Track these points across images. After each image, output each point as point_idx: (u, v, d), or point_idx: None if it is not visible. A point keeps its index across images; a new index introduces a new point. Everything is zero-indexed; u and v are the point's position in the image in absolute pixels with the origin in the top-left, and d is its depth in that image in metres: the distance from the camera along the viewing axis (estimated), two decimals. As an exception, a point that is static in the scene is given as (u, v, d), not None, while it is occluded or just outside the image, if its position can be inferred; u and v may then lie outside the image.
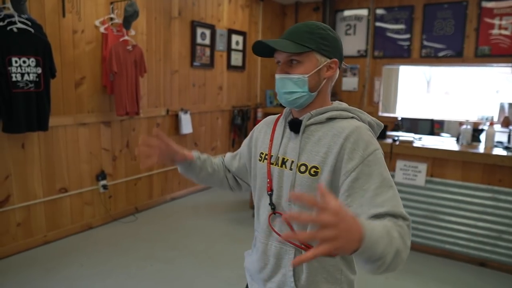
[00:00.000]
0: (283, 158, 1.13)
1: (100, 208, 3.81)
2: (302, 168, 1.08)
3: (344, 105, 1.17)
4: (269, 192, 1.14)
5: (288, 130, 1.15)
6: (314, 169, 1.06)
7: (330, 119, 1.10)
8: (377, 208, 0.93)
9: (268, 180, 1.15)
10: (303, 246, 1.08)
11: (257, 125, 1.32)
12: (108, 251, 3.27)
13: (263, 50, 1.12)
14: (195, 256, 3.24)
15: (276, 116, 1.27)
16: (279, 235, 1.12)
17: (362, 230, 0.74)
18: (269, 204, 1.14)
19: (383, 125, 1.18)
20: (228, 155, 1.42)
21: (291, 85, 1.09)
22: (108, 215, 3.87)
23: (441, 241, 3.29)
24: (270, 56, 1.14)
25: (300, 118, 1.13)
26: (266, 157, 1.18)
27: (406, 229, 0.91)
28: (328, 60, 1.10)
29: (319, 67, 1.08)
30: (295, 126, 1.12)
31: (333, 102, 1.18)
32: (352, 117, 1.12)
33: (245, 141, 1.34)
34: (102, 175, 3.77)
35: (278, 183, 1.14)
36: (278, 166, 1.14)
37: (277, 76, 1.12)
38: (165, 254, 3.26)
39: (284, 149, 1.14)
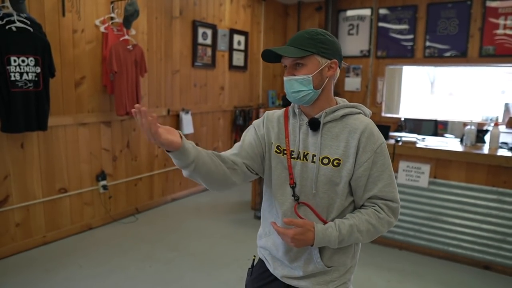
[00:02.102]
0: (304, 152, 1.30)
1: (100, 209, 3.79)
2: (325, 161, 1.26)
3: (346, 102, 1.35)
4: (292, 185, 1.29)
5: (304, 127, 1.30)
6: (337, 161, 1.26)
7: (343, 116, 1.29)
8: (372, 192, 1.26)
9: (290, 174, 1.30)
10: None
11: (265, 117, 1.40)
12: (108, 252, 3.24)
13: (271, 56, 1.28)
14: (195, 257, 3.21)
15: (281, 111, 1.40)
16: (302, 219, 1.27)
17: (314, 241, 1.20)
18: (292, 195, 1.29)
19: (371, 112, 1.39)
20: (232, 150, 1.38)
21: (297, 85, 1.25)
22: (108, 215, 3.85)
23: (444, 244, 3.24)
24: (277, 61, 1.30)
25: (316, 117, 1.29)
26: (285, 151, 1.32)
27: (387, 214, 1.27)
28: (329, 61, 1.27)
29: (321, 68, 1.25)
30: (314, 124, 1.28)
31: (336, 98, 1.36)
32: (360, 113, 1.32)
33: (252, 131, 1.39)
34: (102, 176, 3.75)
35: (300, 175, 1.29)
36: (300, 160, 1.30)
37: (285, 78, 1.28)
38: (165, 255, 3.23)
39: (304, 144, 1.30)
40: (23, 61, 2.88)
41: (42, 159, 3.26)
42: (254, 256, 1.54)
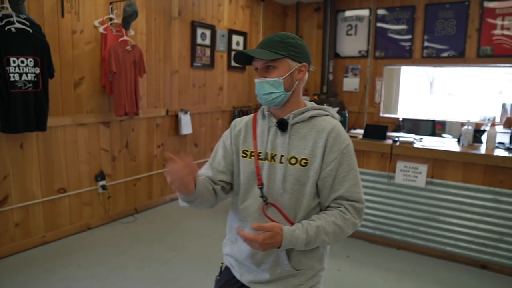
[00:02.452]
0: (272, 153, 1.31)
1: (99, 209, 3.80)
2: (293, 161, 1.28)
3: (315, 104, 1.39)
4: (260, 186, 1.30)
5: (273, 128, 1.33)
6: (304, 161, 1.28)
7: (311, 117, 1.32)
8: (338, 192, 1.27)
9: (258, 175, 1.31)
10: None
11: (232, 126, 1.45)
12: (107, 252, 3.26)
13: (242, 59, 1.31)
14: (193, 257, 3.23)
15: (249, 117, 1.44)
16: (273, 221, 1.26)
17: (282, 241, 1.18)
18: (261, 196, 1.30)
19: (340, 117, 1.43)
20: (205, 169, 1.44)
21: (269, 87, 1.28)
22: (107, 215, 3.86)
23: (441, 243, 3.26)
24: (248, 63, 1.33)
25: (285, 118, 1.32)
26: (253, 154, 1.34)
27: (353, 215, 1.27)
28: (299, 64, 1.31)
29: (291, 71, 1.29)
30: (282, 125, 1.31)
31: (305, 101, 1.39)
32: (327, 115, 1.36)
33: (221, 144, 1.44)
34: (101, 176, 3.77)
35: (268, 176, 1.31)
36: (267, 160, 1.31)
37: (256, 80, 1.31)
38: (164, 255, 3.24)
39: (272, 145, 1.32)
40: (22, 62, 2.89)
41: (41, 160, 3.27)
42: (222, 263, 1.55)
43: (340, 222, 1.24)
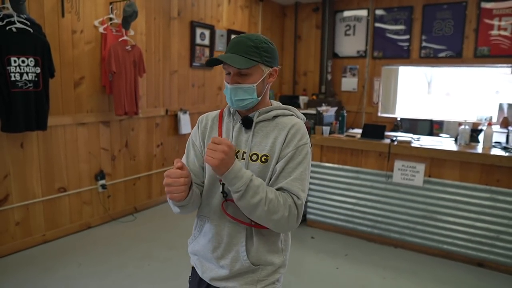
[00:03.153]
0: (236, 150, 1.31)
1: (99, 208, 3.82)
2: (254, 157, 1.29)
3: (281, 105, 1.39)
4: (221, 182, 1.28)
5: (237, 125, 1.34)
6: (264, 157, 1.28)
7: (276, 116, 1.33)
8: (280, 184, 1.24)
9: None
10: (253, 224, 1.28)
11: (200, 120, 1.44)
12: (106, 251, 3.28)
13: (214, 62, 1.27)
14: (193, 256, 3.25)
15: (216, 112, 1.44)
16: (232, 218, 1.29)
17: (232, 165, 1.14)
18: (221, 192, 1.29)
19: (305, 119, 1.42)
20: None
21: (242, 93, 1.27)
22: (106, 214, 3.88)
23: (439, 241, 3.29)
24: (219, 64, 1.27)
25: (250, 115, 1.33)
26: None
27: (292, 206, 1.22)
28: (270, 69, 1.31)
29: (263, 76, 1.29)
30: (247, 122, 1.32)
31: (271, 101, 1.39)
32: (292, 115, 1.36)
33: (191, 143, 1.42)
34: (101, 175, 3.78)
35: None
36: None
37: (229, 86, 1.28)
38: (163, 254, 3.26)
39: (236, 142, 1.33)
40: (23, 61, 2.91)
41: (41, 159, 3.29)
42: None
43: (281, 199, 1.20)
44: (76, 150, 3.56)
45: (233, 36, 5.30)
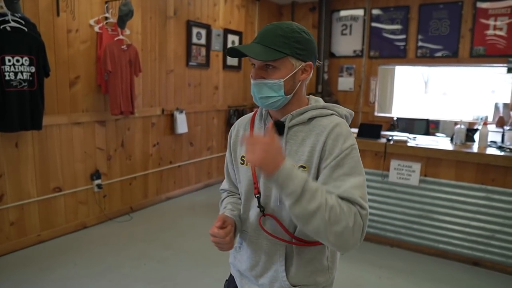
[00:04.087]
0: None
1: (95, 208, 3.80)
2: None
3: (320, 102, 1.20)
4: (256, 195, 1.16)
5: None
6: (301, 169, 1.10)
7: (311, 118, 1.14)
8: (336, 190, 1.02)
9: (255, 183, 1.17)
10: (294, 241, 1.15)
11: (232, 128, 1.33)
12: (102, 251, 3.27)
13: (237, 52, 1.11)
14: (189, 256, 3.24)
15: (249, 116, 1.29)
16: (270, 235, 1.16)
17: (282, 164, 0.96)
18: (258, 206, 1.16)
19: (353, 112, 1.24)
20: (226, 181, 1.41)
21: (267, 90, 1.10)
22: (102, 214, 3.87)
23: (434, 241, 3.30)
24: (244, 55, 1.12)
25: (282, 120, 1.16)
26: None
27: (357, 214, 0.99)
28: (303, 64, 1.11)
29: (294, 71, 1.10)
30: (278, 128, 1.14)
31: (308, 97, 1.21)
32: (332, 114, 1.16)
33: (227, 152, 1.34)
34: (96, 175, 3.77)
35: (264, 184, 1.16)
36: None
37: (253, 82, 1.13)
38: (160, 254, 3.25)
39: None
40: (17, 60, 2.89)
41: (36, 158, 3.27)
42: None
43: (344, 206, 0.98)
44: (72, 149, 3.54)
45: (229, 36, 5.33)
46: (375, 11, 5.66)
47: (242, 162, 1.23)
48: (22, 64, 2.92)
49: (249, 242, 1.24)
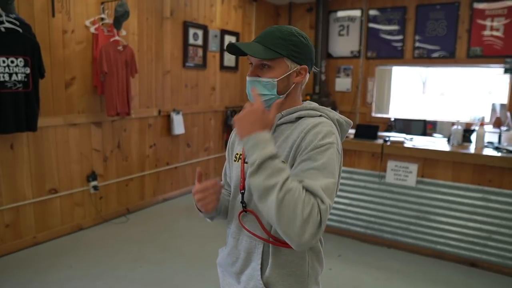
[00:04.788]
0: None
1: (91, 209, 3.78)
2: None
3: (314, 104, 1.21)
4: (241, 191, 1.19)
5: None
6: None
7: (299, 118, 1.16)
8: (303, 183, 0.98)
9: (241, 179, 1.19)
10: (270, 240, 1.14)
11: (234, 129, 1.35)
12: (98, 253, 3.25)
13: (238, 50, 1.14)
14: (186, 257, 3.23)
15: None
16: (249, 231, 1.17)
17: (256, 131, 1.00)
18: (241, 202, 1.18)
19: (351, 122, 1.23)
20: (223, 179, 1.43)
21: (260, 88, 1.14)
22: (99, 216, 3.85)
23: (431, 242, 3.29)
24: (243, 54, 1.16)
25: None
26: (241, 157, 1.23)
27: (315, 207, 0.94)
28: (298, 67, 1.15)
29: (288, 73, 1.14)
30: None
31: (304, 102, 1.23)
32: (320, 115, 1.16)
33: (226, 153, 1.38)
34: (92, 176, 3.75)
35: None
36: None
37: (248, 78, 1.17)
38: (156, 256, 3.24)
39: None
40: (12, 61, 2.87)
41: (32, 160, 3.25)
42: None
43: (303, 194, 0.94)
44: (68, 151, 3.53)
45: (226, 37, 5.31)
46: (372, 12, 5.66)
47: (235, 159, 1.26)
48: (17, 65, 2.90)
49: (231, 238, 1.26)
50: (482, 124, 3.30)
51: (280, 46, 1.11)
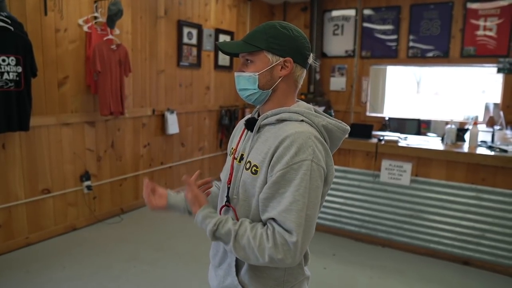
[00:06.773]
0: (241, 154, 1.18)
1: (84, 209, 3.76)
2: (247, 165, 1.13)
3: (301, 106, 1.16)
4: (228, 185, 1.19)
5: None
6: (255, 168, 1.10)
7: (281, 120, 1.12)
8: (271, 213, 1.03)
9: (230, 174, 1.20)
10: None
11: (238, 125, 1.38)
12: (92, 253, 3.23)
13: (219, 47, 1.17)
14: (179, 258, 3.22)
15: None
16: None
17: (196, 211, 1.15)
18: (226, 196, 1.19)
19: (348, 128, 1.20)
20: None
21: (244, 82, 1.14)
22: (92, 216, 3.82)
23: (425, 240, 3.30)
24: (236, 55, 1.18)
25: (256, 117, 1.20)
26: (232, 152, 1.26)
27: (283, 245, 0.99)
28: (281, 59, 1.11)
29: (270, 66, 1.11)
30: (249, 124, 1.18)
31: (298, 101, 1.19)
32: (302, 120, 1.11)
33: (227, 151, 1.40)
34: (86, 176, 3.72)
35: (235, 176, 1.18)
36: (237, 161, 1.19)
37: (235, 74, 1.18)
38: (150, 256, 3.22)
39: (243, 145, 1.19)
40: (3, 60, 2.84)
41: (24, 160, 3.22)
42: None
43: (253, 244, 1.01)
44: (61, 150, 3.50)
45: (221, 36, 5.30)
46: (367, 11, 5.67)
47: (230, 154, 1.28)
48: (8, 64, 2.87)
49: None
50: (475, 123, 3.32)
51: (258, 39, 1.10)
